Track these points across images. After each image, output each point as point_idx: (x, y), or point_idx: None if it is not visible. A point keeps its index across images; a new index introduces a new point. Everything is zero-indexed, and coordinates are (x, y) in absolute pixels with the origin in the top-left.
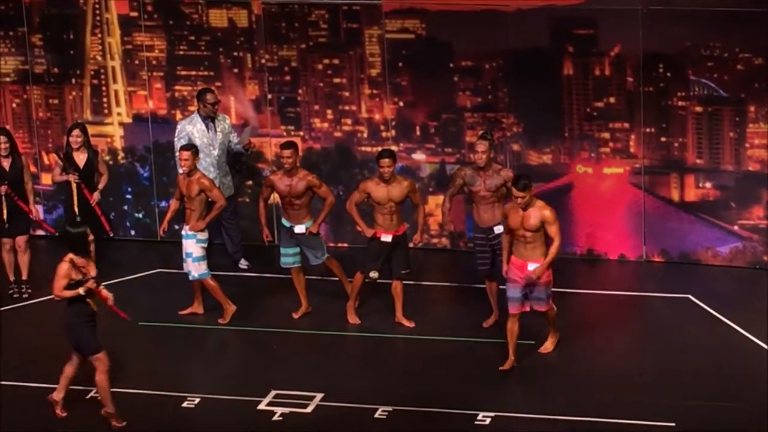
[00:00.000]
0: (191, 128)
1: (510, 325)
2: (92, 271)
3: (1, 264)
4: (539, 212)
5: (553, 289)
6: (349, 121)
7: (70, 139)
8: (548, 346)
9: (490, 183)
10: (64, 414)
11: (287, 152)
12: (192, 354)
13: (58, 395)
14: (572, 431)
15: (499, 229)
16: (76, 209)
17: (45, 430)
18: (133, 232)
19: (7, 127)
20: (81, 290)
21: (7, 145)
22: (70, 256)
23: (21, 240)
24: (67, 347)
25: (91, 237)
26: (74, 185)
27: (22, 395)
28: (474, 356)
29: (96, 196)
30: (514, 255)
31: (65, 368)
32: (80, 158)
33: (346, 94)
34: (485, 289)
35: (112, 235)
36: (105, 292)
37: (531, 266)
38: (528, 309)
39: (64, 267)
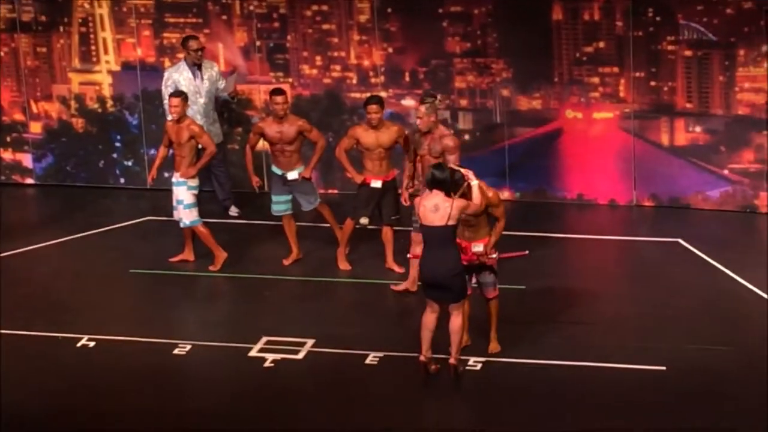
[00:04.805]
0: (178, 76)
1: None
2: None
3: None
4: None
5: (543, 235)
6: (338, 68)
7: None
8: (496, 345)
9: (433, 148)
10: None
11: (280, 98)
12: (183, 301)
13: (428, 354)
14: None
15: None
16: None
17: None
18: (122, 180)
19: None
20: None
21: None
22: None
23: None
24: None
25: None
26: None
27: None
28: None
29: None
30: (458, 238)
31: (426, 321)
32: None
33: (335, 40)
34: None
35: None
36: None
37: (475, 247)
38: (470, 292)
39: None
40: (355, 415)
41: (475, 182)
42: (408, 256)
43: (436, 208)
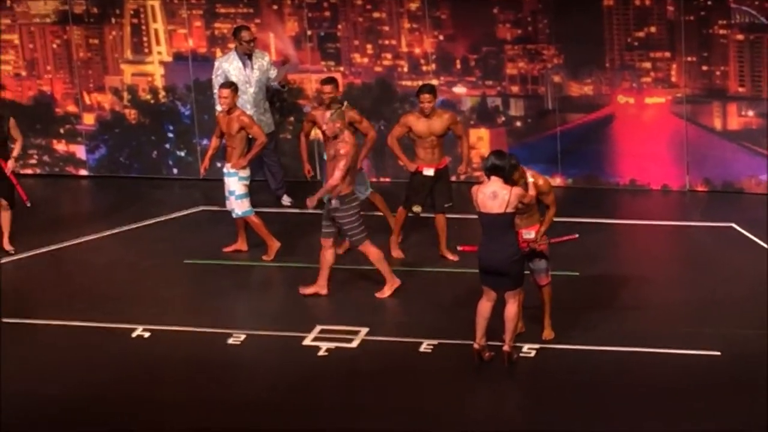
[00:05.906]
0: (228, 66)
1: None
2: None
3: None
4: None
5: (595, 221)
6: (389, 56)
7: None
8: (550, 332)
9: (328, 151)
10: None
11: (328, 88)
12: (237, 291)
13: (482, 341)
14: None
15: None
16: None
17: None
18: (175, 171)
19: (48, 67)
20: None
21: None
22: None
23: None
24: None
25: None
26: None
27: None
28: None
29: (11, 164)
30: None
31: (481, 308)
32: None
33: (386, 28)
34: None
35: (29, 204)
36: None
37: (527, 234)
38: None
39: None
40: (409, 403)
41: (530, 180)
42: (458, 248)
43: (494, 196)
